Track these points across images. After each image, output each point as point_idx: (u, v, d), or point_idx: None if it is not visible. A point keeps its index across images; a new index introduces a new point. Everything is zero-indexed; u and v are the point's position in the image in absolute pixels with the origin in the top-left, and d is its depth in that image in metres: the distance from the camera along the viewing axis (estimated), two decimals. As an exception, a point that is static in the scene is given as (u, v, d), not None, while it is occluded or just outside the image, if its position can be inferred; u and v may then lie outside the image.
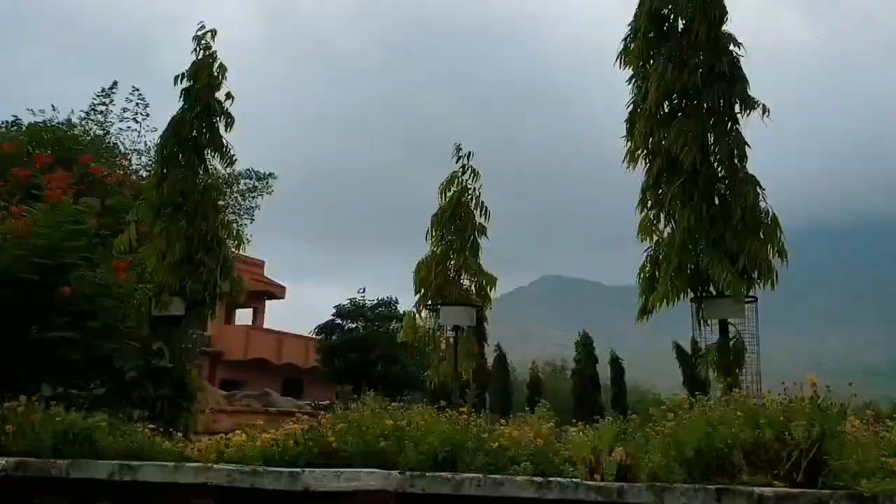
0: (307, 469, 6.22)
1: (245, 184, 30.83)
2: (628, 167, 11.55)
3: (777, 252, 10.61)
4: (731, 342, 10.33)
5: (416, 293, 11.93)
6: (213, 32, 13.27)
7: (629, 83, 11.81)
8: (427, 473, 5.96)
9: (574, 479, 5.54)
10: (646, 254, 11.20)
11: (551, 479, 5.57)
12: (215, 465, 6.66)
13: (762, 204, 10.71)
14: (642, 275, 11.10)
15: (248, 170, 30.76)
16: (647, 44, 11.46)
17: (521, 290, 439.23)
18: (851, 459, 5.33)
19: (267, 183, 31.93)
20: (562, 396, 56.57)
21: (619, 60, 11.85)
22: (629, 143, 11.56)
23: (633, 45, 11.64)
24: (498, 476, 5.75)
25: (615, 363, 50.56)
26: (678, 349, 45.39)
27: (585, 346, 52.74)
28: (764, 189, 10.82)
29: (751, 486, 5.14)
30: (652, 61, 11.37)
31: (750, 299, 10.37)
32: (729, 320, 10.41)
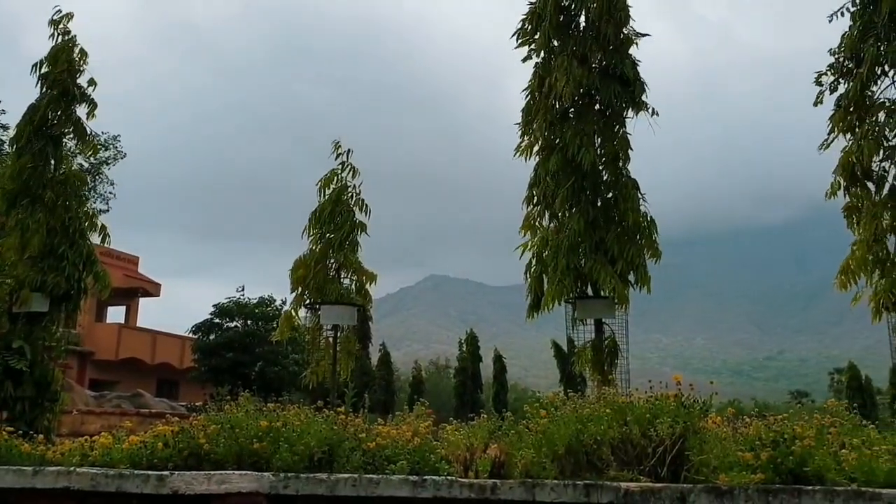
0: (176, 472, 6.00)
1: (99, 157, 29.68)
2: (518, 155, 11.54)
3: (652, 253, 11.00)
4: (605, 341, 10.70)
5: (292, 291, 11.70)
6: (71, 16, 12.70)
7: (533, 76, 11.88)
8: (302, 474, 5.85)
9: (449, 477, 5.57)
10: (529, 250, 11.38)
11: (426, 477, 5.58)
12: (78, 469, 6.33)
13: (642, 208, 11.11)
14: (529, 274, 11.29)
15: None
16: (551, 31, 11.55)
17: (408, 289, 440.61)
18: (711, 454, 5.60)
19: (117, 149, 31.34)
20: (445, 395, 57.21)
21: (516, 36, 11.85)
22: (526, 137, 11.66)
23: (537, 34, 11.68)
24: (374, 476, 5.71)
25: (498, 361, 51.47)
26: (556, 348, 46.74)
27: (470, 344, 53.53)
28: (644, 193, 11.24)
29: (617, 482, 5.31)
30: (554, 57, 11.46)
31: (622, 301, 10.75)
32: (604, 320, 10.78)
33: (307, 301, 11.60)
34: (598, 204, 11.06)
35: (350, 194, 12.22)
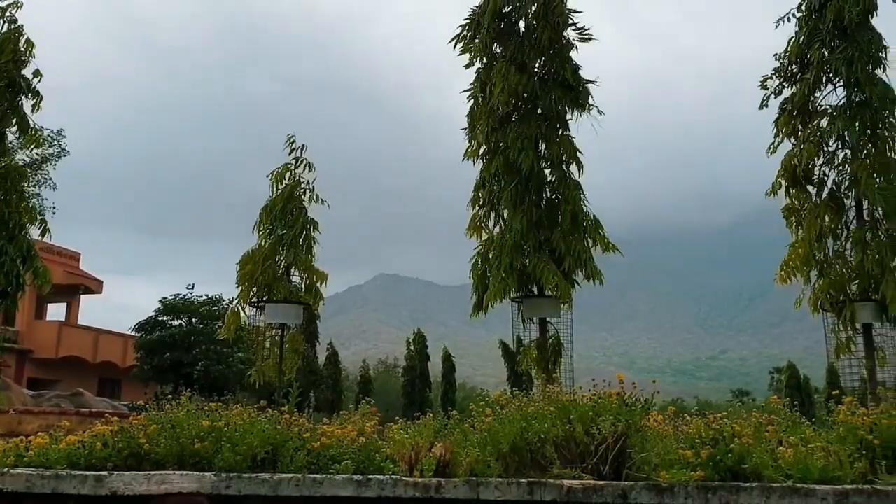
0: (115, 472, 5.87)
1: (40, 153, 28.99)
2: (465, 159, 11.70)
3: (606, 247, 11.14)
4: (550, 340, 10.81)
5: (237, 286, 11.43)
6: (19, 4, 12.34)
7: (467, 68, 11.96)
8: (244, 474, 5.78)
9: (393, 477, 5.55)
10: (476, 251, 11.47)
11: (370, 476, 5.55)
12: (12, 470, 6.15)
13: (585, 208, 11.28)
14: (474, 272, 11.37)
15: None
16: (490, 38, 11.66)
17: (357, 288, 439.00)
18: (653, 452, 5.68)
19: (60, 146, 30.73)
20: (393, 394, 57.19)
21: (454, 42, 11.93)
22: (472, 141, 11.78)
23: (477, 40, 11.78)
24: (317, 476, 5.67)
25: (447, 360, 51.70)
26: (505, 347, 47.07)
27: (418, 343, 53.63)
28: (585, 194, 11.42)
29: (561, 480, 5.35)
30: (495, 61, 11.58)
31: (566, 300, 10.91)
32: (548, 319, 10.89)
33: (254, 299, 11.40)
34: (542, 205, 11.18)
35: (303, 190, 11.98)
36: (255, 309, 11.46)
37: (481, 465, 5.66)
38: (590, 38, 11.74)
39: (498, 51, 11.78)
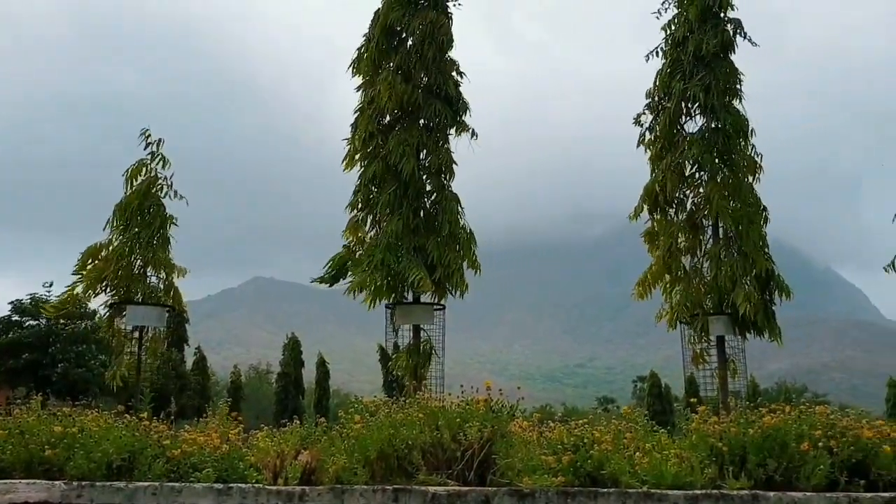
0: (-48, 483, 5.48)
1: None
2: (346, 166, 11.91)
3: (472, 264, 11.49)
4: (422, 346, 10.92)
5: (75, 273, 10.70)
6: None
7: (358, 90, 12.26)
8: (98, 483, 5.53)
9: (256, 485, 5.44)
10: (344, 245, 11.61)
11: (232, 485, 5.42)
12: None
13: (461, 220, 11.59)
14: (333, 260, 11.51)
15: None
16: (378, 53, 12.07)
17: (230, 290, 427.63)
18: (517, 458, 5.81)
19: None
20: (265, 400, 55.95)
21: (351, 68, 12.31)
22: (350, 146, 11.99)
23: (365, 55, 12.14)
24: (176, 484, 5.48)
25: (321, 366, 51.03)
26: (382, 352, 46.95)
27: (293, 349, 52.70)
28: (463, 207, 11.71)
29: (426, 486, 5.39)
30: (381, 71, 11.94)
31: (439, 307, 11.10)
32: (422, 326, 10.99)
33: (109, 300, 10.86)
34: (421, 213, 11.42)
35: (160, 186, 11.50)
36: (110, 310, 10.94)
37: (348, 472, 5.63)
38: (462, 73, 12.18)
39: (382, 62, 12.09)
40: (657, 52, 13.21)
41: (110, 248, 10.99)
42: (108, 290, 10.88)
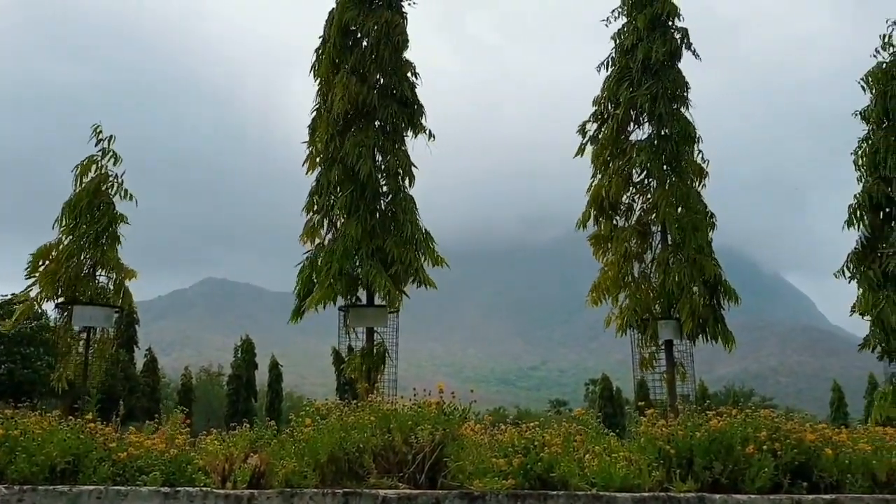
0: None
1: None
2: (307, 170, 11.86)
3: (435, 262, 11.47)
4: (375, 349, 10.88)
5: (36, 283, 10.45)
6: None
7: (317, 92, 12.23)
8: (40, 486, 5.40)
9: (204, 488, 5.36)
10: (306, 256, 11.49)
11: (179, 488, 5.34)
12: None
13: (419, 222, 11.59)
14: (301, 277, 11.35)
15: None
16: (335, 53, 12.02)
17: (182, 291, 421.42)
18: (468, 461, 5.82)
19: None
20: (217, 403, 55.19)
21: (312, 71, 12.27)
22: (311, 149, 11.95)
23: (323, 57, 12.08)
24: (122, 488, 5.38)
25: (274, 369, 50.53)
26: (337, 355, 46.66)
27: (246, 351, 52.09)
28: (418, 208, 11.72)
29: (376, 489, 5.37)
30: (338, 72, 11.88)
31: (393, 310, 11.08)
32: (376, 328, 10.96)
33: (58, 299, 10.60)
34: (378, 215, 11.39)
35: (111, 184, 11.23)
36: (57, 310, 10.70)
37: (298, 475, 5.58)
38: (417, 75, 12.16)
39: (338, 63, 12.05)
40: (607, 64, 13.37)
41: (59, 247, 10.74)
42: (59, 290, 10.63)
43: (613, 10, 13.52)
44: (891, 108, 13.46)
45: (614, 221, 12.65)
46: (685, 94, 12.76)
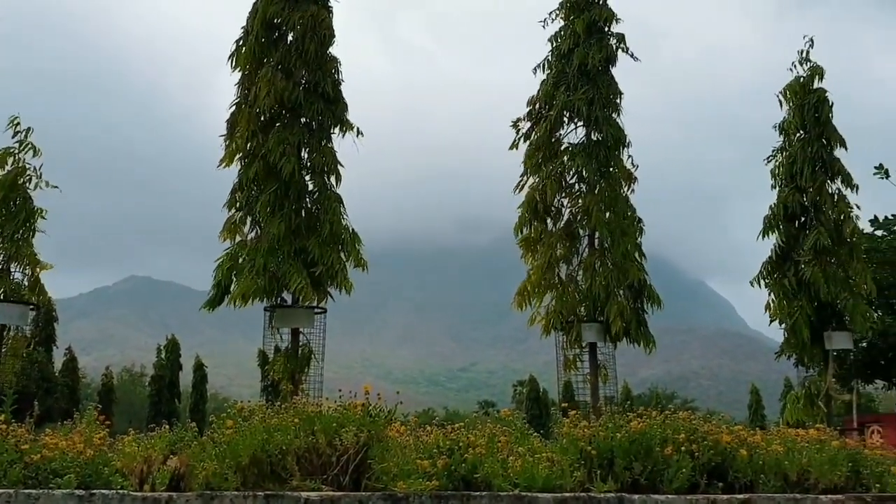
0: None
1: None
2: (224, 165, 11.58)
3: (357, 263, 11.40)
4: (300, 350, 10.78)
5: None
6: None
7: (237, 85, 11.91)
8: (-55, 492, 5.18)
9: (120, 491, 5.23)
10: (226, 252, 11.29)
11: (94, 491, 5.19)
12: None
13: (345, 221, 11.48)
14: (220, 270, 11.16)
15: None
16: (259, 47, 11.74)
17: (104, 289, 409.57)
18: (393, 462, 5.82)
19: None
20: (139, 404, 53.89)
21: (230, 61, 11.94)
22: (230, 145, 11.66)
23: (244, 48, 11.76)
24: (33, 491, 5.21)
25: (199, 370, 49.63)
26: (263, 356, 46.05)
27: (170, 351, 50.98)
28: (345, 208, 11.62)
29: (299, 492, 5.33)
30: (262, 67, 11.63)
31: (319, 310, 10.99)
32: (302, 329, 10.85)
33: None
34: (303, 213, 11.25)
35: (29, 177, 10.82)
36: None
37: (219, 478, 5.50)
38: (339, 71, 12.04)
39: (262, 58, 11.80)
40: (543, 66, 13.56)
41: None
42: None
43: (551, 13, 13.72)
44: (807, 121, 14.01)
45: (546, 224, 12.83)
46: (618, 100, 13.04)
